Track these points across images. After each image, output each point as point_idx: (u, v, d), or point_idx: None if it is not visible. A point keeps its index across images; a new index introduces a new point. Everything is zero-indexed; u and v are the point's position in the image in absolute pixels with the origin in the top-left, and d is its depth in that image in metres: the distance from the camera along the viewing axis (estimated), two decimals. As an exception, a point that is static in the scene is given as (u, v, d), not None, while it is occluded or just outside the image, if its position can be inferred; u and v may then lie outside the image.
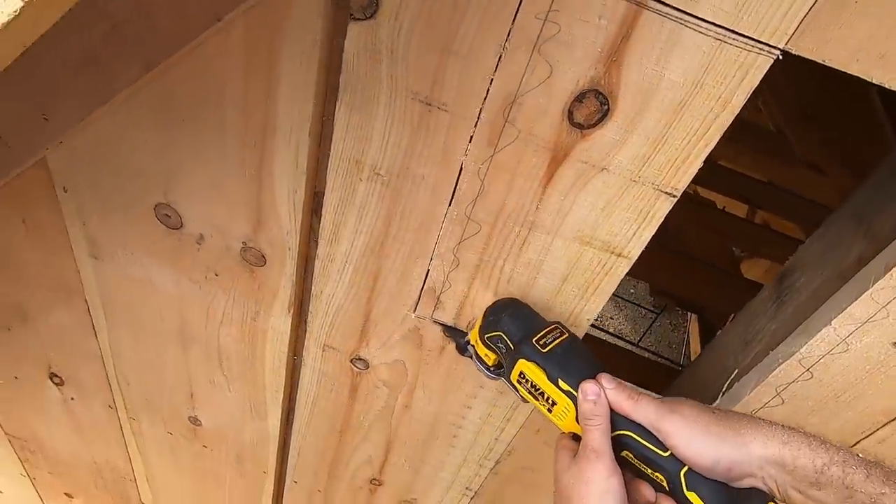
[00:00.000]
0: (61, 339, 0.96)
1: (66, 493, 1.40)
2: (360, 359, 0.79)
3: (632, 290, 3.65)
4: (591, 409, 0.50)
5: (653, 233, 0.55)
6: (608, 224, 0.56)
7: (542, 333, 0.56)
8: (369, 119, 0.55)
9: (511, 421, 0.78)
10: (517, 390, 0.56)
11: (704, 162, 0.50)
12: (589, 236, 0.57)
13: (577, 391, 0.51)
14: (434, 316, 0.69)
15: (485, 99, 0.51)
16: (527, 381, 0.54)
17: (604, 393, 0.51)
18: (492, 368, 0.62)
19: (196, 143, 0.61)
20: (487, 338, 0.59)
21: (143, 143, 0.63)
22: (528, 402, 0.56)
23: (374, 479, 0.99)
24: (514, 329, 0.57)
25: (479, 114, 0.52)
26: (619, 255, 0.58)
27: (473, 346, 0.63)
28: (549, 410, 0.54)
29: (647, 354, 3.50)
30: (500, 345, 0.58)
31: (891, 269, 0.51)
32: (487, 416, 0.79)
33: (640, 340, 3.57)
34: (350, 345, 0.77)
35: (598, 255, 0.58)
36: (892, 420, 0.61)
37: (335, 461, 0.98)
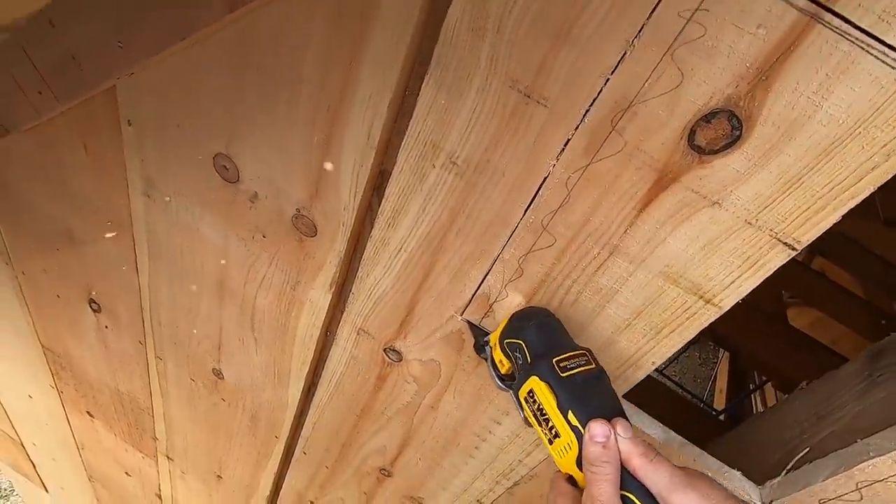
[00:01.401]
0: (104, 268, 0.96)
1: (87, 412, 1.44)
2: (394, 350, 0.74)
3: (672, 318, 3.49)
4: (598, 454, 0.43)
5: (757, 283, 0.48)
6: (704, 266, 0.48)
7: (566, 355, 0.49)
8: (457, 101, 0.49)
9: (541, 447, 0.73)
10: (522, 409, 0.50)
11: (843, 216, 0.42)
12: (678, 274, 0.50)
13: (585, 429, 0.45)
14: (482, 324, 0.64)
15: (594, 100, 0.44)
16: (534, 401, 0.47)
17: (615, 440, 0.44)
18: (504, 378, 0.56)
19: (268, 96, 0.57)
20: (507, 343, 0.53)
21: (214, 88, 0.59)
22: (531, 425, 0.50)
23: (383, 469, 0.96)
24: (537, 341, 0.51)
25: (584, 116, 0.45)
26: (707, 302, 0.50)
27: (491, 348, 0.58)
28: (550, 442, 0.47)
29: (668, 383, 3.36)
30: (517, 354, 0.51)
31: None
32: (516, 436, 0.73)
33: (665, 368, 3.44)
34: (387, 334, 0.73)
35: (683, 296, 0.51)
36: None
37: (348, 443, 0.95)
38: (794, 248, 0.45)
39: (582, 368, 0.48)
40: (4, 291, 1.16)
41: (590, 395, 0.47)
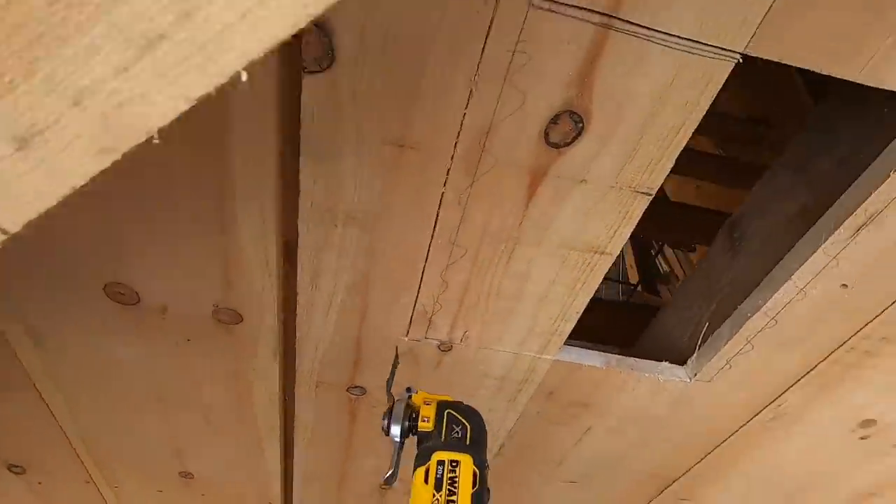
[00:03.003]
0: (15, 429, 0.87)
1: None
2: (356, 386, 0.78)
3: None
4: None
5: (632, 229, 0.57)
6: (590, 229, 0.57)
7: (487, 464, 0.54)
8: (338, 167, 0.51)
9: (510, 411, 0.82)
10: (421, 464, 0.52)
11: (676, 161, 0.52)
12: (572, 242, 0.58)
13: None
14: (427, 335, 0.70)
15: (458, 133, 0.49)
16: (452, 472, 0.51)
17: None
18: (407, 433, 0.59)
19: (145, 218, 0.55)
20: (449, 413, 0.58)
21: (84, 226, 0.56)
22: (414, 480, 0.52)
23: (384, 485, 1.01)
24: (479, 433, 0.56)
25: (455, 147, 0.50)
26: (601, 254, 0.60)
27: (415, 403, 0.60)
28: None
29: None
30: (456, 427, 0.56)
31: (839, 227, 0.57)
32: (489, 410, 0.82)
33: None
34: (344, 377, 0.76)
35: (582, 255, 0.60)
36: (848, 340, 0.70)
37: (342, 479, 0.99)
38: (649, 194, 0.54)
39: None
40: None
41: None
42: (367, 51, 0.43)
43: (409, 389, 0.63)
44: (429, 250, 0.59)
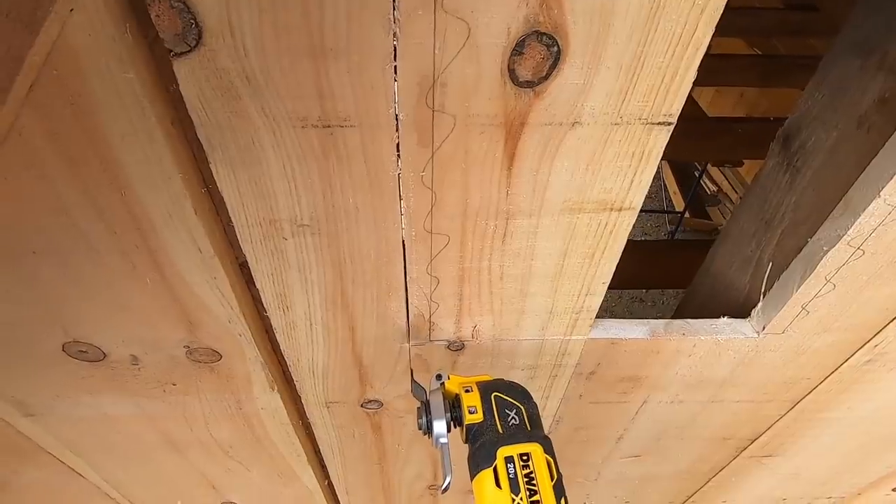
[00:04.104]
0: (50, 490, 0.85)
1: None
2: (370, 401, 0.69)
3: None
4: None
5: (654, 171, 0.44)
6: (598, 182, 0.44)
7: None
8: (259, 169, 0.41)
9: (550, 398, 0.71)
10: (485, 466, 0.44)
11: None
12: (579, 203, 0.46)
13: None
14: (432, 338, 0.59)
15: (395, 95, 0.37)
16: (525, 467, 0.43)
17: None
18: (450, 427, 0.50)
19: (66, 273, 0.47)
20: (497, 397, 0.49)
21: (11, 296, 0.48)
22: (480, 487, 0.44)
23: (431, 486, 0.94)
24: (534, 414, 0.49)
25: (395, 114, 0.38)
26: (619, 210, 0.47)
27: (452, 391, 0.52)
28: None
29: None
30: (510, 412, 0.48)
31: (942, 115, 0.42)
32: (526, 401, 0.72)
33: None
34: (353, 394, 0.67)
35: (595, 217, 0.47)
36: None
37: (386, 486, 0.92)
38: (669, 123, 0.41)
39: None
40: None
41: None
42: (239, 9, 0.32)
43: (439, 377, 0.53)
44: (403, 245, 0.48)
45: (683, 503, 1.04)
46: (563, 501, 0.42)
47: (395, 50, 0.35)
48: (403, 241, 0.48)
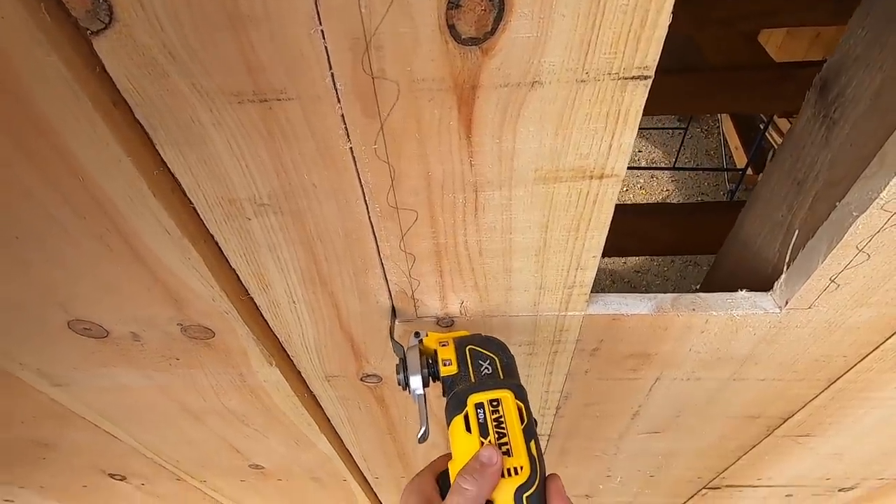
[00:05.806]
0: (94, 450, 0.93)
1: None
2: (369, 375, 0.69)
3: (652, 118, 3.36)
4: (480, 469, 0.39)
5: (635, 132, 0.39)
6: (571, 148, 0.40)
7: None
8: (206, 149, 0.39)
9: (554, 373, 0.68)
10: (457, 413, 0.44)
11: None
12: (553, 171, 0.42)
13: (540, 460, 0.41)
14: (418, 314, 0.58)
15: (328, 61, 0.34)
16: (495, 412, 0.43)
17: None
18: (427, 381, 0.50)
19: (51, 257, 0.48)
20: (471, 349, 0.48)
21: (11, 277, 0.51)
22: (452, 433, 0.44)
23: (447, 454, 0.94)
24: (508, 364, 0.48)
25: (333, 83, 0.35)
26: (600, 178, 0.42)
27: (429, 347, 0.52)
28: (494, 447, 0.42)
29: (687, 174, 3.29)
30: (484, 363, 0.48)
31: None
32: (527, 377, 0.69)
33: (675, 161, 3.35)
34: (351, 368, 0.67)
35: (574, 186, 0.43)
36: None
37: (401, 454, 0.94)
38: (646, 77, 0.35)
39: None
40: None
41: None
42: (144, -22, 0.30)
43: (417, 334, 0.54)
44: (371, 222, 0.46)
45: (713, 479, 1.00)
46: (532, 443, 0.42)
47: (317, 12, 0.31)
48: (369, 217, 0.46)
